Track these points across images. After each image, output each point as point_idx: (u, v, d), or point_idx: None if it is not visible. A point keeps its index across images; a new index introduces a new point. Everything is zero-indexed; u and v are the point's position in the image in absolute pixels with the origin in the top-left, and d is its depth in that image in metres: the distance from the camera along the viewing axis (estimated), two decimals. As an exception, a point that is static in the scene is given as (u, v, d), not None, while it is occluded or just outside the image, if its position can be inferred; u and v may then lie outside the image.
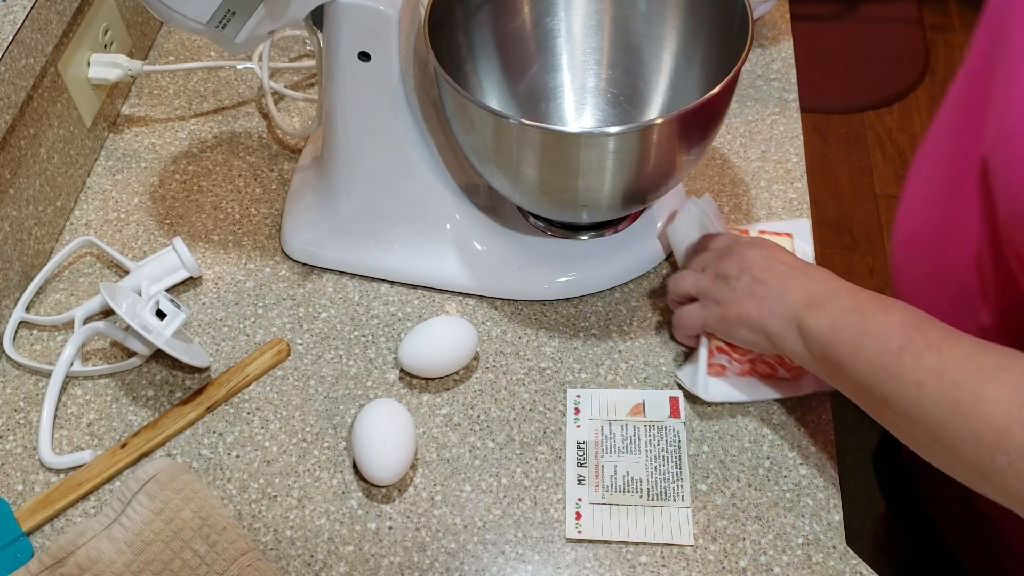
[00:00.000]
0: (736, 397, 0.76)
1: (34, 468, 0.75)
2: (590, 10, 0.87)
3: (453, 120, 0.76)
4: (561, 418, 0.77)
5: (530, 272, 0.84)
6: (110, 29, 0.96)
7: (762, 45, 1.04)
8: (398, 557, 0.70)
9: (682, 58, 0.85)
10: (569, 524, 0.71)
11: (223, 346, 0.82)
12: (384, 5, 0.72)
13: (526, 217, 0.86)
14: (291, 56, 1.06)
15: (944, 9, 2.52)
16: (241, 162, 0.96)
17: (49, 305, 0.85)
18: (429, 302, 0.84)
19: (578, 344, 0.81)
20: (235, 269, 0.87)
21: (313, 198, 0.87)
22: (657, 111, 0.87)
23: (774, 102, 0.99)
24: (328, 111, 0.80)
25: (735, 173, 0.93)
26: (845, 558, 0.68)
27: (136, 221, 0.91)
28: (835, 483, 0.73)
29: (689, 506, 0.71)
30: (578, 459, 0.74)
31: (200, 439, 0.76)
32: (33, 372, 0.80)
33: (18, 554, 0.69)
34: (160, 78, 1.04)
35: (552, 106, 0.90)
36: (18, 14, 0.79)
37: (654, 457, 0.74)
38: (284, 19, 0.73)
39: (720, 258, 0.74)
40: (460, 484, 0.73)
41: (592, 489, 0.72)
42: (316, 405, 0.78)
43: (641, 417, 0.76)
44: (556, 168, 0.73)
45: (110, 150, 0.97)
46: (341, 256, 0.86)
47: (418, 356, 0.77)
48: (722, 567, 0.68)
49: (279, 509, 0.72)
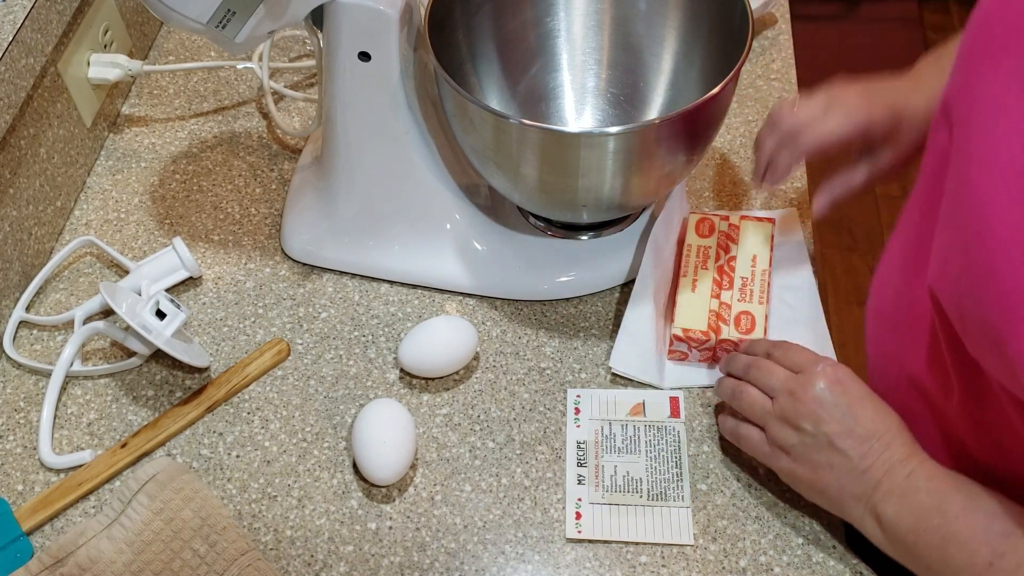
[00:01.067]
0: (697, 382, 0.78)
1: (34, 468, 0.75)
2: (590, 10, 0.87)
3: (453, 120, 0.76)
4: (561, 418, 0.77)
5: (530, 272, 0.84)
6: (110, 29, 0.96)
7: (762, 45, 1.04)
8: (398, 557, 0.70)
9: (682, 58, 0.85)
10: (569, 524, 0.71)
11: (223, 346, 0.82)
12: (384, 5, 0.72)
13: (526, 217, 0.86)
14: (291, 56, 1.06)
15: (944, 9, 2.52)
16: (241, 162, 0.96)
17: (49, 305, 0.85)
18: (429, 302, 0.84)
19: (578, 344, 0.81)
20: (235, 269, 0.87)
21: (313, 198, 0.87)
22: (657, 111, 0.87)
23: (774, 102, 0.99)
24: (328, 111, 0.80)
25: (735, 173, 0.93)
26: (845, 558, 0.68)
27: (136, 221, 0.91)
28: (835, 483, 0.73)
29: (689, 506, 0.71)
30: (578, 459, 0.74)
31: (200, 439, 0.76)
32: (33, 372, 0.80)
33: (18, 554, 0.69)
34: (160, 78, 1.04)
35: (552, 106, 0.90)
36: (18, 14, 0.79)
37: (654, 457, 0.74)
38: (284, 19, 0.73)
39: (789, 393, 0.67)
40: (460, 484, 0.73)
41: (592, 489, 0.72)
42: (316, 405, 0.78)
43: (641, 417, 0.76)
44: (556, 168, 0.73)
45: (110, 150, 0.97)
46: (341, 256, 0.86)
47: (418, 356, 0.77)
48: (722, 567, 0.68)
49: (279, 509, 0.72)
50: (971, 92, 0.54)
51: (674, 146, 0.72)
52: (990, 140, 0.51)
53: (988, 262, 0.49)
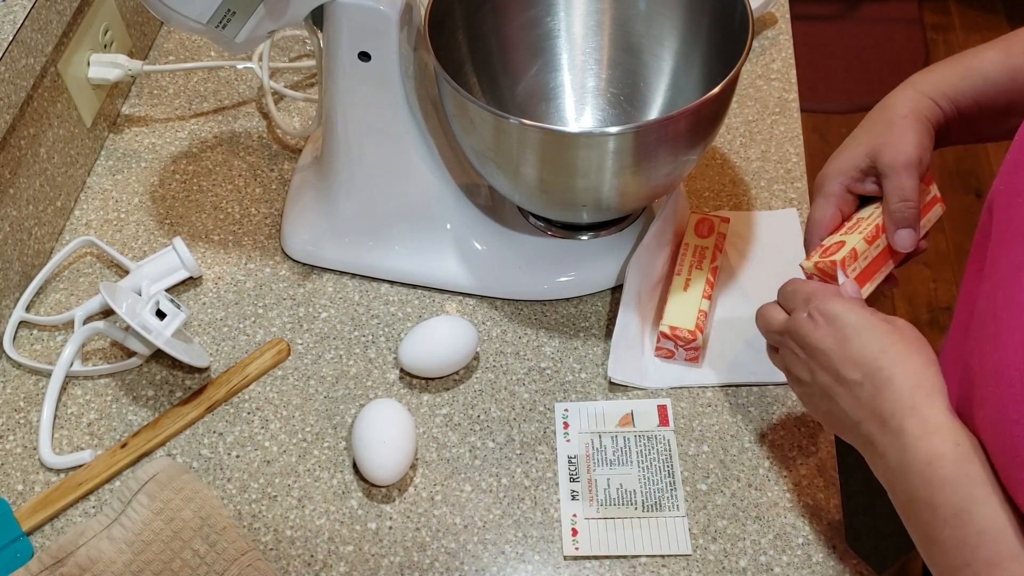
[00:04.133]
0: (697, 381, 0.78)
1: (34, 468, 0.75)
2: (590, 10, 0.87)
3: (453, 120, 0.76)
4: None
5: (530, 272, 0.84)
6: (110, 29, 0.96)
7: (762, 45, 1.04)
8: (398, 557, 0.70)
9: (682, 58, 0.85)
10: (566, 541, 0.70)
11: (223, 346, 0.82)
12: (384, 5, 0.72)
13: (526, 217, 0.86)
14: (291, 56, 1.06)
15: (944, 9, 2.52)
16: (241, 162, 0.96)
17: (49, 305, 0.85)
18: (429, 302, 0.84)
19: (578, 344, 0.81)
20: (235, 269, 0.87)
21: (313, 198, 0.87)
22: (657, 111, 0.87)
23: (774, 102, 0.99)
24: (328, 111, 0.80)
25: (735, 173, 0.93)
26: (845, 558, 0.68)
27: (136, 221, 0.91)
28: (835, 483, 0.73)
29: (684, 515, 0.71)
30: (570, 474, 0.73)
31: (200, 439, 0.76)
32: (33, 372, 0.80)
33: (18, 554, 0.69)
34: (160, 78, 1.04)
35: (552, 106, 0.90)
36: (18, 14, 0.79)
37: (646, 468, 0.73)
38: (284, 19, 0.73)
39: (790, 339, 0.65)
40: (460, 484, 0.73)
41: (587, 504, 0.71)
42: (316, 405, 0.78)
43: (630, 428, 0.75)
44: (556, 168, 0.73)
45: (110, 150, 0.97)
46: (341, 256, 0.86)
47: (418, 356, 0.77)
48: (722, 567, 0.68)
49: (279, 509, 0.72)
50: (1011, 201, 0.55)
51: (674, 146, 0.72)
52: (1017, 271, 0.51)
53: (1003, 396, 0.50)
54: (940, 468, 0.54)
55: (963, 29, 2.47)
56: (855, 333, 0.61)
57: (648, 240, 0.81)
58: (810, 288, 0.65)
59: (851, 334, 0.61)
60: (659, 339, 0.78)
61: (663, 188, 0.79)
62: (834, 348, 0.61)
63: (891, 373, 0.58)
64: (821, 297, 0.63)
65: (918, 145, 0.68)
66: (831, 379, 0.61)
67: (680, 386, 0.78)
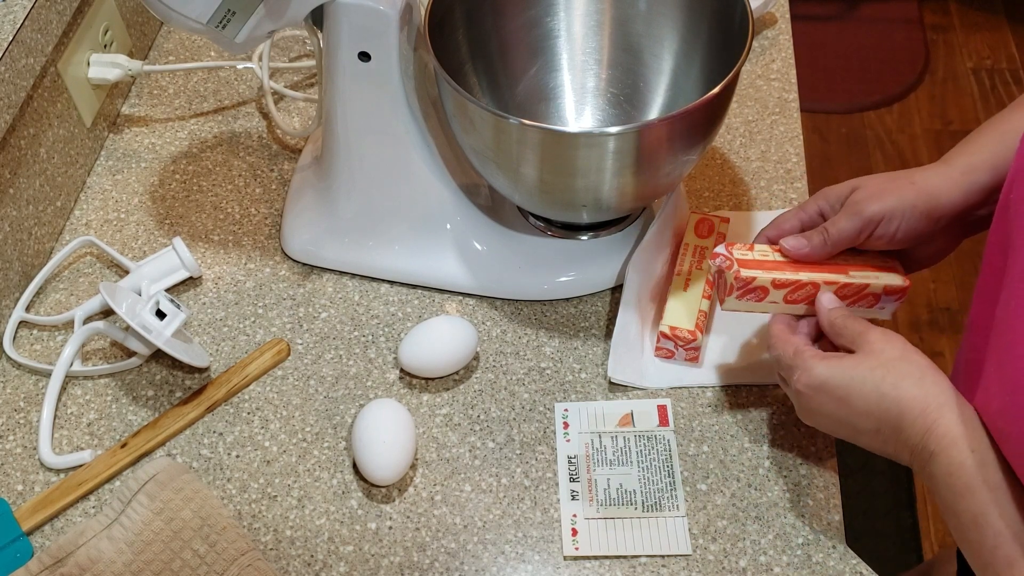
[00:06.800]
0: (697, 381, 0.78)
1: (34, 468, 0.75)
2: (590, 10, 0.87)
3: (453, 120, 0.76)
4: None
5: (530, 272, 0.84)
6: (110, 29, 0.96)
7: (762, 45, 1.04)
8: (398, 557, 0.70)
9: (682, 58, 0.85)
10: (566, 541, 0.70)
11: (223, 346, 0.82)
12: (384, 5, 0.72)
13: (526, 217, 0.86)
14: (291, 56, 1.06)
15: (944, 9, 2.52)
16: (241, 162, 0.96)
17: (49, 305, 0.85)
18: (429, 302, 0.84)
19: (578, 344, 0.81)
20: (235, 269, 0.87)
21: (313, 198, 0.87)
22: (657, 111, 0.87)
23: (774, 102, 0.99)
24: (328, 111, 0.80)
25: (735, 173, 0.93)
26: (845, 558, 0.68)
27: (136, 221, 0.91)
28: (835, 483, 0.73)
29: (684, 515, 0.71)
30: (570, 474, 0.73)
31: (200, 439, 0.76)
32: (33, 372, 0.80)
33: (18, 554, 0.69)
34: (160, 78, 1.04)
35: (552, 106, 0.90)
36: (18, 14, 0.79)
37: (646, 468, 0.73)
38: (284, 19, 0.73)
39: (796, 400, 0.68)
40: (460, 484, 0.73)
41: (586, 504, 0.71)
42: (316, 405, 0.78)
43: (630, 428, 0.75)
44: (556, 168, 0.73)
45: (110, 150, 0.97)
46: (341, 256, 0.86)
47: (418, 356, 0.77)
48: (722, 567, 0.68)
49: (279, 509, 0.72)
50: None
51: (674, 146, 0.72)
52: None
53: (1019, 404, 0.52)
54: (960, 477, 0.57)
55: (963, 29, 2.48)
56: (847, 393, 0.63)
57: (648, 240, 0.81)
58: (788, 357, 0.67)
59: (844, 394, 0.63)
60: (659, 339, 0.78)
61: (663, 188, 0.79)
62: (838, 410, 0.64)
63: (899, 410, 0.61)
64: (802, 369, 0.65)
65: (893, 208, 0.68)
66: (851, 432, 0.65)
67: (680, 386, 0.78)
